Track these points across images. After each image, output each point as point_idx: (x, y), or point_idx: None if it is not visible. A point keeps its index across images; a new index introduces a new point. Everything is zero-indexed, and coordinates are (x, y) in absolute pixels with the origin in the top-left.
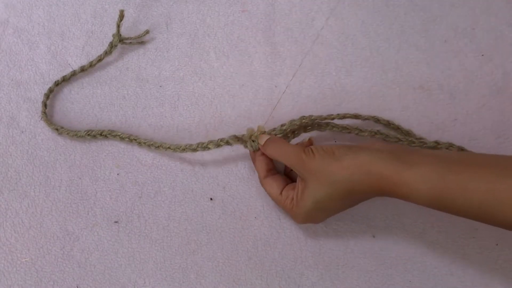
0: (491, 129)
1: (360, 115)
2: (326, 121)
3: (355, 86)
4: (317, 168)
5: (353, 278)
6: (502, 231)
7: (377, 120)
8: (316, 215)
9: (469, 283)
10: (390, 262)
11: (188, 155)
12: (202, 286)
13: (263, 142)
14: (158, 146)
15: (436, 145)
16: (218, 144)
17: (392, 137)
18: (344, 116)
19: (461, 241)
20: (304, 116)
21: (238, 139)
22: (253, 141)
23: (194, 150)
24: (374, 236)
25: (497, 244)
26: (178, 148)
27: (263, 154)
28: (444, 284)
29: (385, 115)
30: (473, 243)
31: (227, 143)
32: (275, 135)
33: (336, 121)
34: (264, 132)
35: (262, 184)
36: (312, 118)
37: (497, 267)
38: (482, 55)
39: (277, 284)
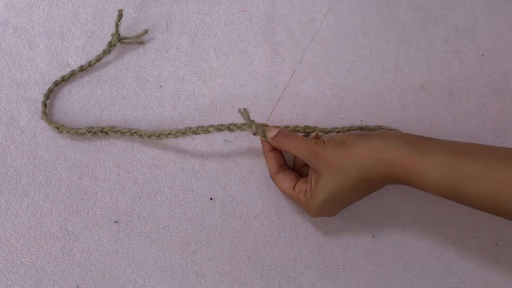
0: (491, 129)
1: (365, 127)
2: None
3: (355, 86)
4: (329, 158)
5: (353, 278)
6: (502, 231)
7: (382, 129)
8: (330, 207)
9: (469, 283)
10: (390, 262)
11: (188, 155)
12: (202, 286)
13: (273, 135)
14: (159, 135)
15: None
16: (219, 128)
17: None
18: (349, 129)
19: (461, 241)
20: (309, 126)
21: (247, 120)
22: (263, 133)
23: (194, 132)
24: (374, 236)
25: (497, 244)
26: (179, 132)
27: (273, 149)
28: (444, 284)
29: (385, 115)
30: (473, 243)
31: (228, 128)
32: None
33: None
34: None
35: (274, 180)
36: (317, 129)
37: (497, 267)
38: (482, 55)
39: (277, 284)
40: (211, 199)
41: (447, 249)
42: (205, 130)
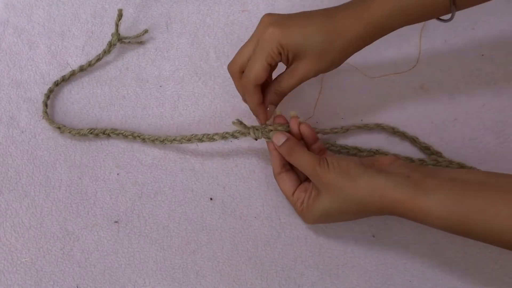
0: (491, 129)
1: (364, 125)
2: (328, 135)
3: (355, 86)
4: (331, 182)
5: (353, 278)
6: None
7: (382, 128)
8: (324, 220)
9: (469, 283)
10: (390, 262)
11: (188, 155)
12: (202, 286)
13: (280, 142)
14: (163, 140)
15: (449, 165)
16: (224, 136)
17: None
18: (347, 129)
19: (461, 241)
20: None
21: (244, 127)
22: (264, 137)
23: (200, 140)
24: (374, 236)
25: None
26: (184, 139)
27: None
28: (444, 284)
29: (385, 115)
30: (473, 243)
31: (233, 136)
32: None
33: (340, 135)
34: (295, 116)
35: (276, 179)
36: (316, 131)
37: (497, 267)
38: (482, 55)
39: (277, 284)
40: (211, 199)
41: (447, 249)
42: (211, 138)
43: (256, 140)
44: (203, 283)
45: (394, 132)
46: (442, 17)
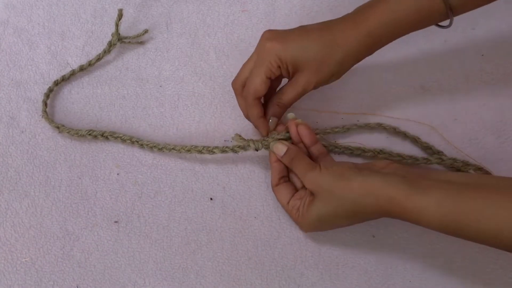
0: (491, 129)
1: (365, 124)
2: (329, 135)
3: (355, 86)
4: (325, 186)
5: (353, 278)
6: None
7: (383, 127)
8: (320, 227)
9: (469, 283)
10: (390, 262)
11: (189, 155)
12: (202, 286)
13: (282, 152)
14: (161, 148)
15: (453, 163)
16: (224, 150)
17: (395, 155)
18: (348, 129)
19: (461, 241)
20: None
21: (244, 141)
22: (265, 147)
23: (200, 152)
24: (374, 236)
25: None
26: (183, 149)
27: (277, 160)
28: (444, 284)
29: (385, 115)
30: (473, 243)
31: (233, 150)
32: (280, 138)
33: (340, 135)
34: (294, 118)
35: (273, 191)
36: (316, 131)
37: (497, 267)
38: (482, 55)
39: (277, 284)
40: (211, 199)
41: (447, 249)
42: (210, 150)
43: (257, 151)
44: (203, 283)
45: (395, 131)
46: (440, 24)
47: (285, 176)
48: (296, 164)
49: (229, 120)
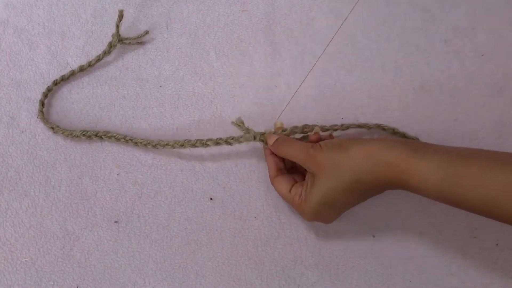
0: (491, 129)
1: (364, 125)
2: (327, 132)
3: (355, 86)
4: (324, 160)
5: (353, 278)
6: (502, 231)
7: (382, 128)
8: (323, 210)
9: (469, 283)
10: (390, 262)
11: (188, 155)
12: (202, 286)
13: (272, 142)
14: (155, 145)
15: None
16: (217, 142)
17: None
18: (348, 127)
19: (461, 241)
20: (307, 125)
21: (243, 128)
22: (261, 140)
23: (193, 145)
24: (374, 236)
25: (497, 244)
26: (177, 144)
27: (272, 153)
28: (444, 284)
29: (385, 115)
30: (473, 243)
31: (227, 142)
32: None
33: (339, 132)
34: (281, 127)
35: (272, 183)
36: (316, 126)
37: (497, 267)
38: (482, 55)
39: (277, 284)
40: (211, 199)
41: (447, 249)
42: (204, 143)
43: (255, 139)
44: (203, 283)
45: (394, 132)
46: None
47: (282, 169)
48: (289, 147)
49: (229, 120)
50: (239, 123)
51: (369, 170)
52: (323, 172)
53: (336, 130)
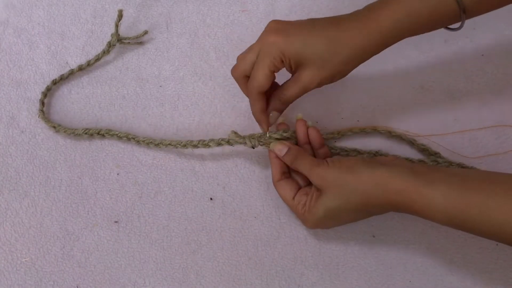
0: (491, 129)
1: (359, 131)
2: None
3: (355, 86)
4: (333, 179)
5: (353, 278)
6: None
7: (378, 132)
8: (326, 223)
9: (469, 283)
10: (390, 262)
11: (188, 155)
12: (202, 286)
13: (283, 152)
14: (157, 144)
15: (449, 166)
16: (219, 143)
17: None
18: (343, 134)
19: (461, 241)
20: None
21: (240, 138)
22: (261, 144)
23: (195, 146)
24: (374, 236)
25: (497, 244)
26: (179, 144)
27: (276, 157)
28: (444, 284)
29: (385, 115)
30: (473, 243)
31: (228, 143)
32: (277, 138)
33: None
34: (301, 119)
35: (276, 187)
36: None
37: (497, 267)
38: (482, 55)
39: (277, 284)
40: (211, 199)
41: (447, 249)
42: (206, 144)
43: (253, 148)
44: (203, 283)
45: (391, 135)
46: (450, 26)
47: (286, 172)
48: (300, 162)
49: (229, 120)
50: (234, 137)
51: (378, 196)
52: (330, 190)
53: (338, 133)
